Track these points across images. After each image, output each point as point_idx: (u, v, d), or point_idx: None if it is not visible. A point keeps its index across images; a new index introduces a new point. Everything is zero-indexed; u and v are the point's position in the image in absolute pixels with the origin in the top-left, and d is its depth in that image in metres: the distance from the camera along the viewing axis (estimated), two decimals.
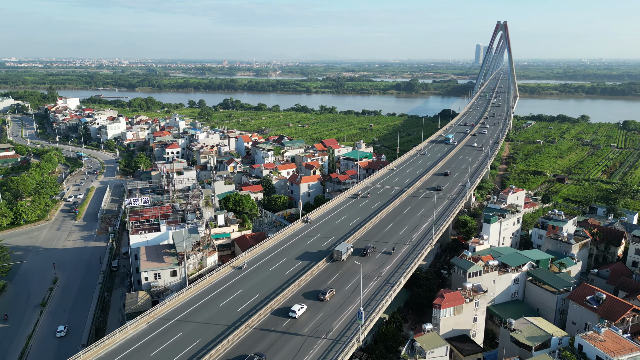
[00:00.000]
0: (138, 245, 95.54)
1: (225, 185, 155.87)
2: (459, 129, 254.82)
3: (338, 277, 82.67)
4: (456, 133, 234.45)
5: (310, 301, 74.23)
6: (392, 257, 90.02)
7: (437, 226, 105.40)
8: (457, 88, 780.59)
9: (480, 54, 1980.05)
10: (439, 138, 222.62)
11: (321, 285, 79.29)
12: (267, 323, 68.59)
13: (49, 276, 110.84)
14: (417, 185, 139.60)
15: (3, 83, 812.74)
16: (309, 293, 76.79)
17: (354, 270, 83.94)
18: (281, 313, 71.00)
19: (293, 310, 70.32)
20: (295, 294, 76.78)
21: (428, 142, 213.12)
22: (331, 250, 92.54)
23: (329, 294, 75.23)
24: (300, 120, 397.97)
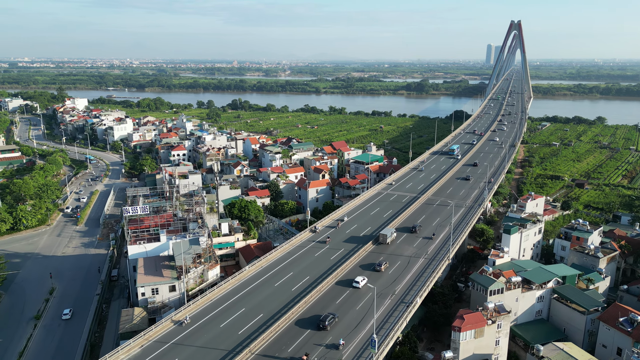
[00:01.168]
0: (136, 256, 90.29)
1: (230, 190, 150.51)
2: (466, 138, 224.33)
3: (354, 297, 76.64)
4: (461, 144, 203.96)
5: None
6: (406, 272, 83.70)
7: (454, 236, 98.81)
8: (469, 88, 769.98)
9: (492, 54, 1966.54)
10: (443, 148, 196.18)
11: (328, 307, 73.35)
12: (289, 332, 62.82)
13: (46, 286, 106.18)
14: (431, 192, 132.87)
15: (14, 83, 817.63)
16: (308, 320, 70.83)
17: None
18: (285, 338, 65.14)
19: (357, 281, 78.80)
20: (302, 313, 70.90)
21: (430, 153, 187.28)
22: (341, 262, 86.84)
23: (384, 265, 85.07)
24: (309, 121, 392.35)
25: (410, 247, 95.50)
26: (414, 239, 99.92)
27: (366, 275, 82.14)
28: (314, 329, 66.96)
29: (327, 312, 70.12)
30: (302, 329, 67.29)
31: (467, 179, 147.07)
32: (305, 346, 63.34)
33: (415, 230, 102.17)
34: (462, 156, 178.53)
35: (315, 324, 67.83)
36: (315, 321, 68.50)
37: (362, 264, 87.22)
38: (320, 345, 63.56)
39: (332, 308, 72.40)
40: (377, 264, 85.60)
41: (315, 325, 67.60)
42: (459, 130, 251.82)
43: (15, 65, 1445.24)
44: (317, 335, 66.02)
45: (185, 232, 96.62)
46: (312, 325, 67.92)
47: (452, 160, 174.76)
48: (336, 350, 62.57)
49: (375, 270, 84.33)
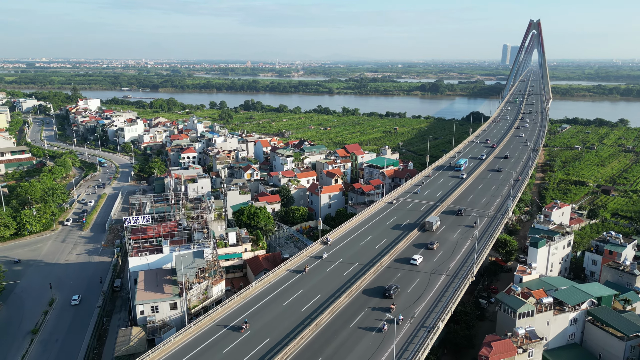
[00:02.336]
0: (137, 269, 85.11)
1: (240, 195, 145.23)
2: (476, 150, 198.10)
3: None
4: (470, 158, 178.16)
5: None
6: (426, 293, 76.99)
7: (477, 249, 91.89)
8: (484, 89, 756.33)
9: (508, 54, 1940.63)
10: (451, 161, 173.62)
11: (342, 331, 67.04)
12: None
13: (45, 297, 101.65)
14: (451, 199, 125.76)
15: (31, 83, 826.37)
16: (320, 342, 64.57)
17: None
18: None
19: (414, 258, 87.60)
20: (313, 339, 64.81)
21: (433, 169, 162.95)
22: (354, 280, 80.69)
23: (436, 244, 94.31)
24: (322, 123, 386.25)
25: (429, 263, 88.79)
26: (432, 254, 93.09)
27: (377, 295, 75.75)
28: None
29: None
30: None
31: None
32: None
33: (433, 247, 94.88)
34: (468, 175, 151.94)
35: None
36: (322, 343, 62.41)
37: (371, 288, 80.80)
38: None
39: (344, 334, 66.18)
40: (387, 288, 77.59)
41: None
42: (471, 137, 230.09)
43: (32, 65, 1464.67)
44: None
45: (190, 243, 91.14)
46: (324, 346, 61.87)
47: (455, 180, 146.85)
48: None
49: (386, 297, 76.23)
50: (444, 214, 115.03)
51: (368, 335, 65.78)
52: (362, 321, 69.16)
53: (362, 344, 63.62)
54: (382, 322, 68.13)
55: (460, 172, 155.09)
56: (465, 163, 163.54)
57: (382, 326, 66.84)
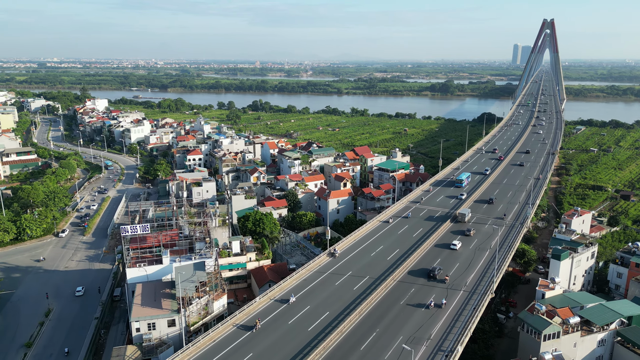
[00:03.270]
0: (135, 281, 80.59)
1: (245, 200, 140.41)
2: (483, 160, 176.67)
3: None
4: (473, 173, 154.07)
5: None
6: (442, 311, 71.56)
7: (494, 264, 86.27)
8: (495, 90, 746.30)
9: (519, 54, 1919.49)
10: (450, 175, 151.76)
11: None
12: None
13: (42, 307, 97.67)
14: (467, 205, 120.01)
15: (41, 83, 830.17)
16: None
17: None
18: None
19: (454, 244, 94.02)
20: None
21: (431, 184, 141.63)
22: (366, 294, 75.67)
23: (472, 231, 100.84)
24: (331, 124, 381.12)
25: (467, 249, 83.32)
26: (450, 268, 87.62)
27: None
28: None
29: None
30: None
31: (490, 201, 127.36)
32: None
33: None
34: (469, 194, 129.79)
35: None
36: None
37: (385, 302, 75.46)
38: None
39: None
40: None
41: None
42: (479, 144, 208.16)
43: (44, 65, 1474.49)
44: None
45: (191, 253, 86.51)
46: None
47: (455, 200, 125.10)
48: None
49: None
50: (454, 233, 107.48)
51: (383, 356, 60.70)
52: (370, 346, 64.01)
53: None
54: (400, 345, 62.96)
55: (461, 188, 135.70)
56: (467, 178, 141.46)
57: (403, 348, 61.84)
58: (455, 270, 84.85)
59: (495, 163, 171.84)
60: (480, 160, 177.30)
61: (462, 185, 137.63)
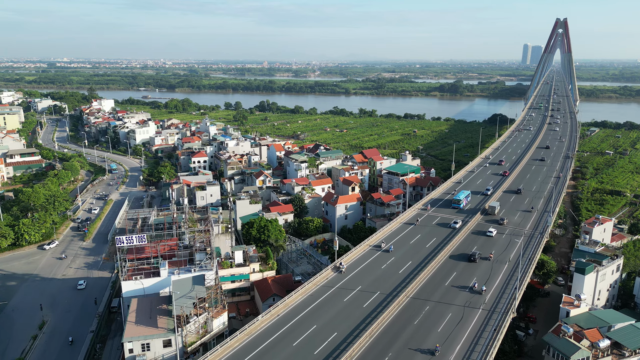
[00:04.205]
0: (131, 295, 75.92)
1: (250, 205, 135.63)
2: (489, 172, 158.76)
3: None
4: (473, 193, 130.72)
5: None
6: (459, 333, 66.00)
7: (516, 277, 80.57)
8: (505, 90, 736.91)
9: (528, 54, 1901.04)
10: (454, 190, 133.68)
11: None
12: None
13: (36, 318, 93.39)
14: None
15: (50, 83, 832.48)
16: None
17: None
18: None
19: (490, 231, 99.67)
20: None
21: (423, 204, 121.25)
22: (377, 312, 70.41)
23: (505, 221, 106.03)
24: (338, 125, 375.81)
25: (463, 294, 77.72)
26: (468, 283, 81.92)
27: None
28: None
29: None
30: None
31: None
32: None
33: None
34: (458, 226, 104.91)
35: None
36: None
37: (400, 320, 70.01)
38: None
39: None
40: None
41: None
42: (487, 151, 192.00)
43: (53, 65, 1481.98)
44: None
45: (191, 264, 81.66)
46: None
47: (447, 230, 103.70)
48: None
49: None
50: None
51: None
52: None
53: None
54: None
55: (458, 209, 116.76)
56: (466, 198, 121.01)
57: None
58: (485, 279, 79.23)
59: (499, 180, 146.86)
60: (485, 174, 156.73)
61: (459, 206, 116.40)
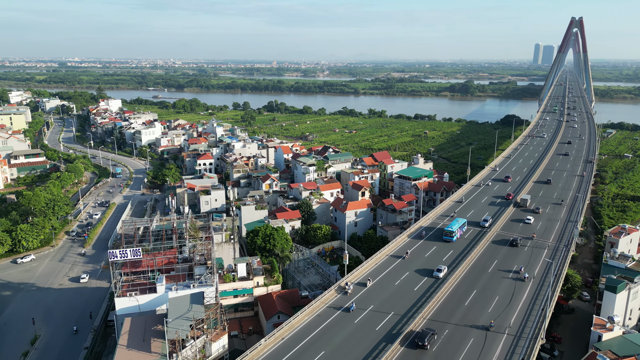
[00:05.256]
0: (125, 312, 70.65)
1: (256, 211, 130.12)
2: (496, 188, 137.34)
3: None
4: (477, 208, 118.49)
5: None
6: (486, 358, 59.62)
7: (541, 295, 74.08)
8: (517, 91, 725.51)
9: (540, 54, 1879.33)
10: (451, 215, 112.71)
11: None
12: None
13: (29, 333, 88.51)
14: (503, 220, 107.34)
15: (60, 82, 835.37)
16: None
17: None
18: None
19: (528, 219, 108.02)
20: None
21: (409, 236, 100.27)
22: (390, 335, 64.29)
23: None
24: (347, 125, 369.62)
25: (485, 312, 71.42)
26: (488, 300, 75.50)
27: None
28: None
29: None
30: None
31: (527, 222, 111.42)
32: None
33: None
34: (447, 277, 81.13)
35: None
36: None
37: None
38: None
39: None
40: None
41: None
42: (496, 161, 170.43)
43: (64, 65, 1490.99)
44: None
45: (190, 279, 76.20)
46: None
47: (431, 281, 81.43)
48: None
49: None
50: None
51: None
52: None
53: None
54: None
55: (451, 242, 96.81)
56: (460, 228, 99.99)
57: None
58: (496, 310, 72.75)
59: (499, 210, 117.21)
60: (488, 192, 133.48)
61: (452, 239, 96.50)
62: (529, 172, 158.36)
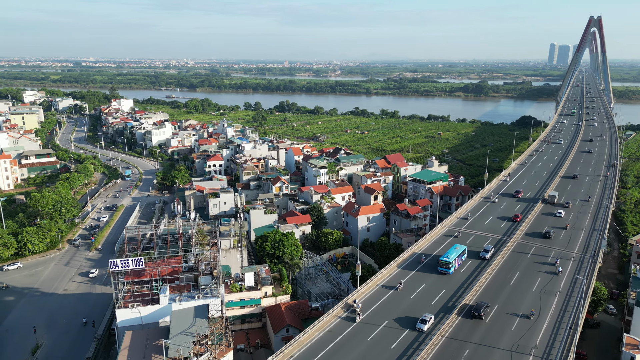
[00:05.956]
0: (126, 325, 67.45)
1: (265, 215, 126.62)
2: (503, 206, 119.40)
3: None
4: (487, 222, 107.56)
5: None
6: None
7: (568, 315, 69.26)
8: (533, 91, 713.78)
9: (555, 54, 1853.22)
10: (452, 232, 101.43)
11: None
12: None
13: (30, 341, 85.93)
14: (523, 229, 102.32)
15: (74, 82, 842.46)
16: None
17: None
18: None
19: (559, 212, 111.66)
20: None
21: (397, 266, 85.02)
22: (407, 355, 60.00)
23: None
24: (359, 126, 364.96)
25: (508, 330, 66.75)
26: (509, 319, 70.79)
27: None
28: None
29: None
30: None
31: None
32: None
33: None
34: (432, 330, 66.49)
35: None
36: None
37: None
38: None
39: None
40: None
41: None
42: (508, 170, 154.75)
43: (79, 64, 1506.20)
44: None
45: (195, 289, 72.76)
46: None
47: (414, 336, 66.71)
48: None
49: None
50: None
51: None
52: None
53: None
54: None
55: (448, 273, 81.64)
56: (459, 258, 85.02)
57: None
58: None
59: (508, 227, 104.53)
60: (491, 212, 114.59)
61: (449, 271, 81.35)
62: (542, 185, 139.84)
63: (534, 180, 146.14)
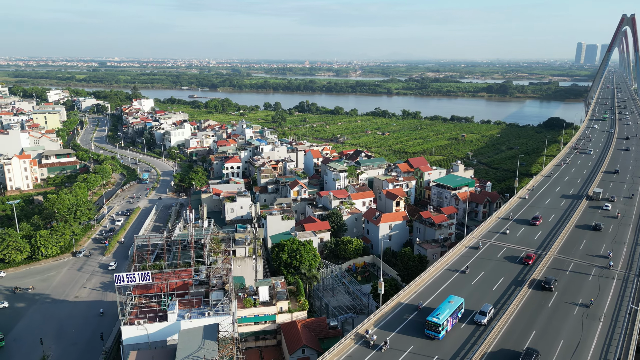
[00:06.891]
0: (133, 342, 63.32)
1: (283, 222, 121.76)
2: (506, 253, 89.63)
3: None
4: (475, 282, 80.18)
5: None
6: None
7: (614, 339, 62.26)
8: (560, 91, 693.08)
9: (582, 53, 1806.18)
10: (452, 272, 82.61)
11: None
12: None
13: (37, 352, 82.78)
14: (560, 240, 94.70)
15: (99, 81, 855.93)
16: None
17: None
18: None
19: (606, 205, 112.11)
20: None
21: (375, 321, 67.09)
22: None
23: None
24: (380, 127, 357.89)
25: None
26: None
27: None
28: None
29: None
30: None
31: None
32: None
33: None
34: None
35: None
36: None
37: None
38: None
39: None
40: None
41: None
42: (532, 184, 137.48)
43: (104, 64, 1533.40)
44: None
45: (206, 305, 68.22)
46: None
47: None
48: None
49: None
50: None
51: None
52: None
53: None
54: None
55: (437, 339, 63.03)
56: (453, 316, 65.93)
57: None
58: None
59: (517, 272, 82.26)
60: (500, 248, 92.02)
61: (438, 335, 62.76)
62: (567, 208, 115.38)
63: (558, 200, 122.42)
